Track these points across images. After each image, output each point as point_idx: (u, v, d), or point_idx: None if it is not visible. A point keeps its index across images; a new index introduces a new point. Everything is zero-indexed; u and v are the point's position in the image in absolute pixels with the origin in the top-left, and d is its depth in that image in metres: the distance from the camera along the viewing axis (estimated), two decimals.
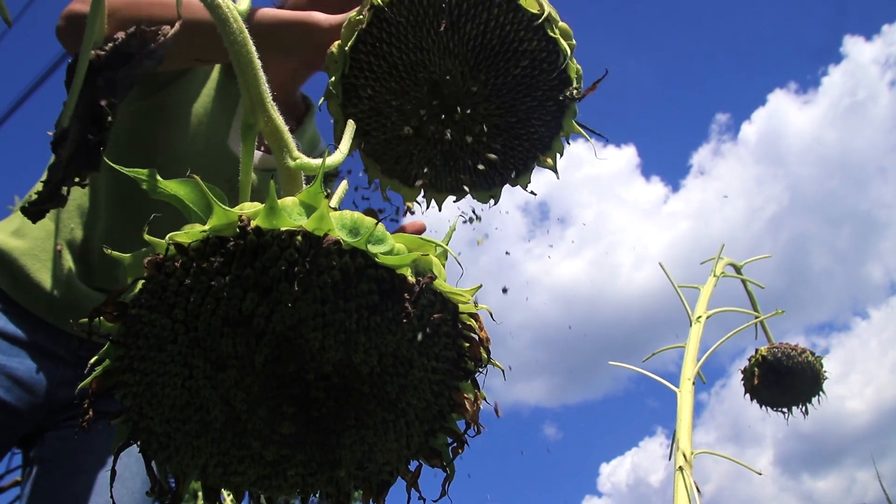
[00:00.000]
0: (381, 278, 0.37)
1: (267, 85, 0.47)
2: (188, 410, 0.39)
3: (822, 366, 1.15)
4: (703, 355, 0.96)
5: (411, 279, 0.36)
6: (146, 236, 0.37)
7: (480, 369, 0.42)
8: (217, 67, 1.04)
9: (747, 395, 1.23)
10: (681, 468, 0.83)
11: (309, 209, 0.38)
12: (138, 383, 0.39)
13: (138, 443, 0.41)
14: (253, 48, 0.47)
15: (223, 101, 1.04)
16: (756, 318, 1.13)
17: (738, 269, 1.23)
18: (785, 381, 1.16)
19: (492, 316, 0.42)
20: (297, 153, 0.47)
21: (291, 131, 0.47)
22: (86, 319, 0.37)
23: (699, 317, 1.04)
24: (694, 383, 0.95)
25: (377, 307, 0.37)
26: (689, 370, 0.96)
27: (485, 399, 0.42)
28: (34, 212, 0.50)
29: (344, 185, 0.50)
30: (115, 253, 0.38)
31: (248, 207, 0.37)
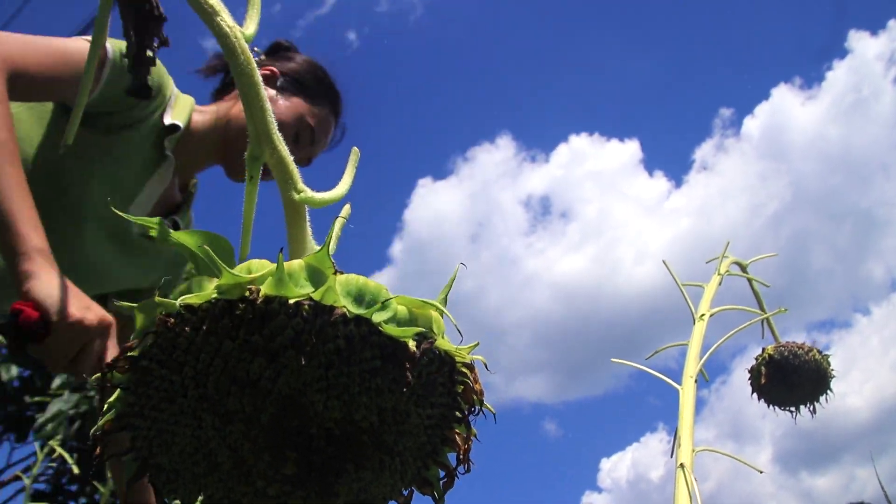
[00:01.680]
0: (384, 344, 0.38)
1: (273, 116, 0.48)
2: (197, 455, 0.41)
3: (829, 364, 1.14)
4: (704, 353, 0.96)
5: (413, 348, 0.38)
6: (157, 298, 0.38)
7: (473, 413, 0.43)
8: (150, 138, 1.07)
9: (754, 395, 1.22)
10: (682, 465, 0.83)
11: (315, 274, 0.39)
12: (149, 428, 0.40)
13: (147, 476, 0.42)
14: (259, 79, 0.47)
15: (142, 173, 1.08)
16: (761, 316, 1.12)
17: (743, 268, 1.22)
18: (792, 379, 1.14)
19: (486, 367, 0.44)
20: (301, 185, 0.47)
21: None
22: (98, 374, 0.39)
23: (702, 314, 1.03)
24: (696, 381, 0.95)
25: (379, 371, 0.38)
26: (692, 367, 0.95)
27: (475, 437, 0.44)
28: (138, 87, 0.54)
29: (340, 222, 0.49)
30: (125, 304, 0.40)
31: (256, 266, 0.39)
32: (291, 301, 0.37)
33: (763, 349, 1.17)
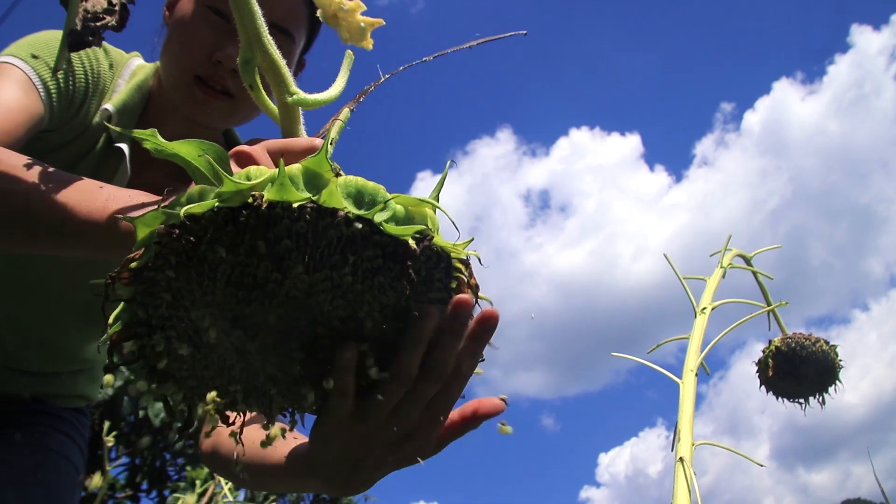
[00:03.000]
0: (386, 243, 0.39)
1: (263, 20, 0.48)
2: (205, 360, 0.42)
3: (836, 354, 1.13)
4: (705, 346, 0.95)
5: (413, 246, 0.39)
6: (160, 209, 0.38)
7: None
8: (102, 139, 0.92)
9: (762, 387, 1.21)
10: (681, 459, 0.82)
11: (314, 178, 0.39)
12: (156, 336, 0.41)
13: (154, 385, 0.43)
14: None
15: (97, 174, 0.90)
16: (765, 308, 1.11)
17: (747, 261, 1.21)
18: (799, 371, 1.13)
19: (480, 261, 0.44)
20: (294, 88, 0.48)
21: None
22: (101, 281, 0.39)
23: (704, 308, 1.02)
24: (697, 374, 0.94)
25: (381, 269, 0.39)
26: (693, 361, 0.94)
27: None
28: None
29: (338, 125, 0.49)
30: (126, 216, 0.40)
31: (254, 173, 0.39)
32: (294, 205, 0.37)
33: (770, 341, 1.16)
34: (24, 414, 1.07)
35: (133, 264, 0.39)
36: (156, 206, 0.39)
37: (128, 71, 0.95)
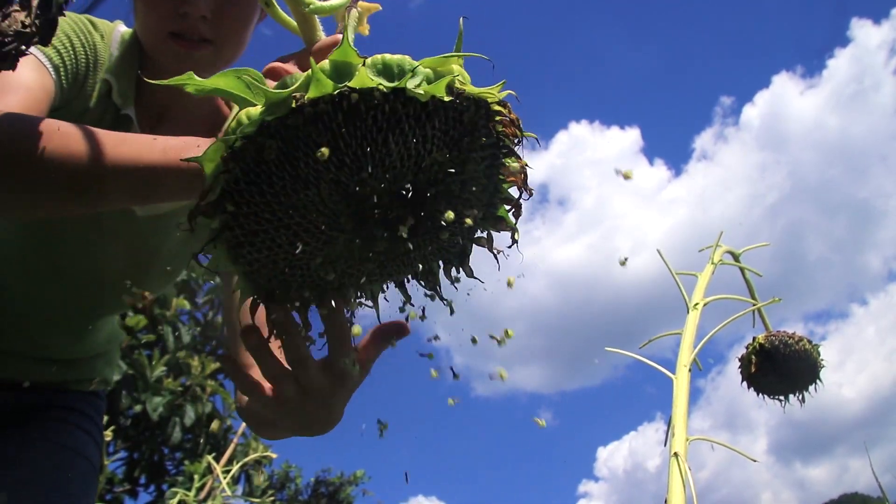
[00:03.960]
0: (424, 104, 0.42)
1: None
2: (291, 255, 0.46)
3: (819, 354, 1.14)
4: (699, 342, 0.96)
5: (447, 99, 0.42)
6: (218, 140, 0.42)
7: (517, 143, 0.48)
8: (108, 109, 0.93)
9: (744, 383, 1.23)
10: (675, 454, 0.83)
11: (343, 67, 0.42)
12: (254, 250, 0.46)
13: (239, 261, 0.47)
14: None
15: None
16: (753, 306, 1.13)
17: (736, 257, 1.22)
18: (782, 369, 1.15)
19: (518, 99, 0.47)
20: None
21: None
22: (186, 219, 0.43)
23: (696, 304, 1.04)
24: (690, 370, 0.95)
25: (426, 128, 0.43)
26: (686, 357, 0.96)
27: (527, 165, 0.49)
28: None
29: (353, 14, 0.52)
30: (192, 158, 0.44)
31: (289, 81, 0.43)
32: (335, 94, 0.40)
33: (753, 338, 1.18)
34: (43, 409, 1.09)
35: (209, 196, 0.43)
36: (213, 141, 0.43)
37: (117, 40, 0.96)
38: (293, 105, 0.40)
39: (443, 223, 0.46)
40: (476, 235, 0.52)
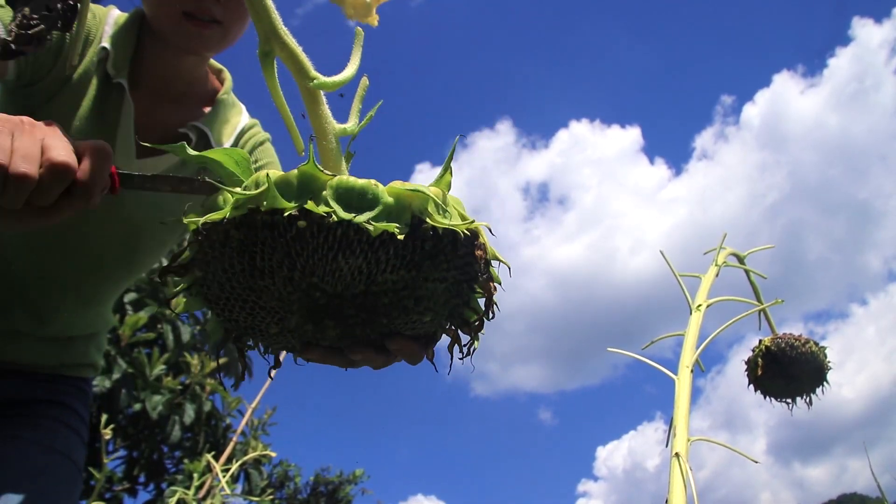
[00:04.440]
0: (372, 240, 0.43)
1: (277, 13, 0.51)
2: (259, 325, 0.50)
3: (825, 356, 1.14)
4: (701, 343, 0.96)
5: (399, 236, 0.43)
6: (188, 217, 0.46)
7: (483, 272, 0.49)
8: (93, 82, 0.97)
9: (751, 386, 1.22)
10: (677, 454, 0.83)
11: (309, 181, 0.44)
12: (219, 305, 0.50)
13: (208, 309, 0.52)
14: None
15: (103, 116, 0.97)
16: (758, 307, 1.12)
17: (741, 259, 1.22)
18: (788, 371, 1.14)
19: (490, 231, 0.49)
20: (314, 73, 0.51)
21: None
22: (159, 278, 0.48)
23: (699, 305, 1.03)
24: (692, 371, 0.95)
25: (373, 256, 0.44)
26: (688, 358, 0.95)
27: (495, 289, 0.50)
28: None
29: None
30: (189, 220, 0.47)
31: (263, 179, 0.44)
32: (286, 214, 0.42)
33: (760, 341, 1.17)
34: (35, 403, 1.09)
35: (181, 259, 0.48)
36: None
37: (110, 21, 1.02)
38: (252, 209, 0.43)
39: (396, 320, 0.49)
40: (443, 325, 0.53)
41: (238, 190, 0.44)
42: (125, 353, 4.18)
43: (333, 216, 0.42)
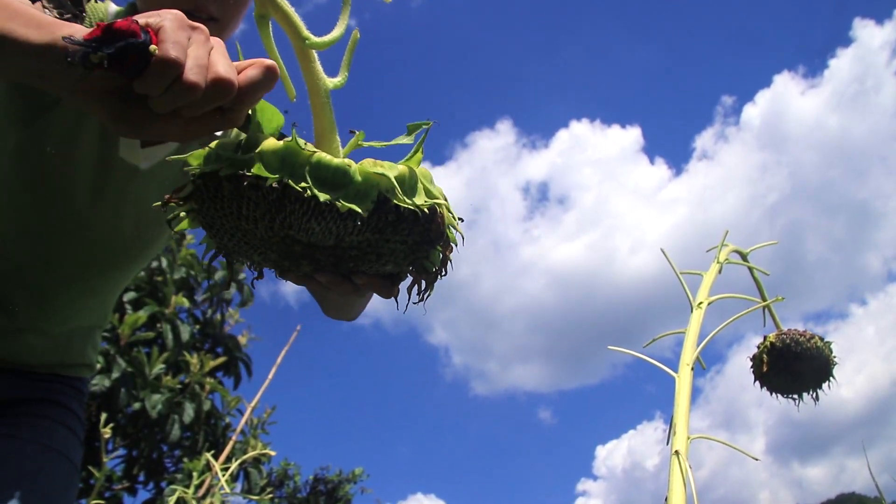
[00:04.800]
0: (342, 214, 0.50)
1: None
2: (237, 245, 0.57)
3: (831, 351, 1.13)
4: (702, 341, 0.95)
5: (364, 215, 0.51)
6: (208, 149, 0.53)
7: (441, 239, 0.56)
8: None
9: (756, 382, 1.21)
10: (677, 453, 0.82)
11: (290, 157, 0.51)
12: (215, 228, 0.56)
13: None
14: None
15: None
16: (760, 304, 1.11)
17: (744, 256, 1.21)
18: (794, 367, 1.13)
19: (449, 210, 0.56)
20: (306, 33, 0.54)
21: None
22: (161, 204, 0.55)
23: (700, 303, 1.02)
24: (693, 369, 0.94)
25: (336, 224, 0.51)
26: (689, 356, 0.95)
27: (455, 245, 0.58)
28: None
29: (351, 46, 0.57)
30: (178, 157, 0.55)
31: (252, 140, 0.52)
32: (266, 185, 0.49)
33: (765, 337, 1.16)
34: (33, 404, 1.09)
35: (182, 192, 0.55)
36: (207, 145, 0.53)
37: (110, 15, 1.01)
38: (240, 172, 0.50)
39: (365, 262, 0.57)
40: (405, 270, 0.60)
41: (236, 155, 0.51)
42: (124, 353, 4.18)
43: (308, 191, 0.49)
